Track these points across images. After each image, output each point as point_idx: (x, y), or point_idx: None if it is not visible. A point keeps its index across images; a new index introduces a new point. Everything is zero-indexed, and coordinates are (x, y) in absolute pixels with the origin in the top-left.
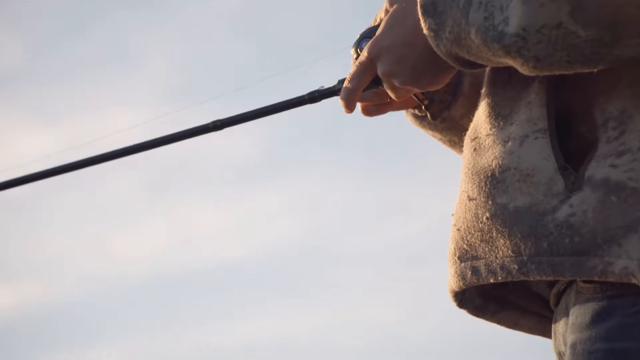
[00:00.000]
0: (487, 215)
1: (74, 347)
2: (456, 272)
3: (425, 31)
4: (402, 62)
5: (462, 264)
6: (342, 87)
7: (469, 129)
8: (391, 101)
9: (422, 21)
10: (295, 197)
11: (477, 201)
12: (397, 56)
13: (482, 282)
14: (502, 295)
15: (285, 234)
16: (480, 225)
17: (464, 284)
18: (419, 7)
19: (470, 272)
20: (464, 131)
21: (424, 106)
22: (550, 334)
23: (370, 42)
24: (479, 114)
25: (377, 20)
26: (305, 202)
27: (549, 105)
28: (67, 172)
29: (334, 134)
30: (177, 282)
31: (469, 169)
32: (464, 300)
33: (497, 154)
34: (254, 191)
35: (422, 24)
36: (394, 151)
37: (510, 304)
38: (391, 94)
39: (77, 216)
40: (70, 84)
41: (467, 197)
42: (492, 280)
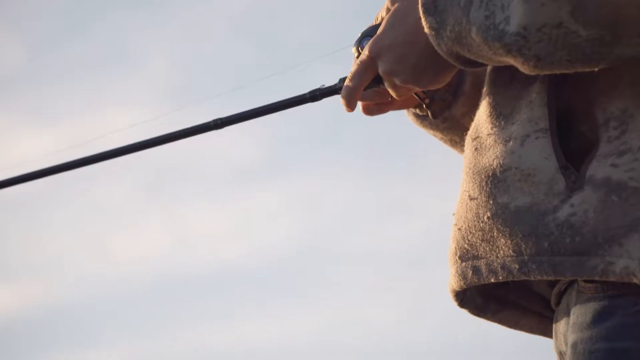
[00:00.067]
0: (488, 214)
1: (73, 347)
2: (457, 272)
3: (426, 30)
4: (403, 61)
5: (463, 264)
6: (343, 86)
7: (470, 128)
8: (392, 100)
9: (423, 20)
10: (294, 196)
11: (478, 201)
12: (398, 55)
13: (483, 282)
14: (503, 294)
15: (284, 233)
16: (481, 224)
17: (464, 283)
18: (420, 6)
19: (471, 272)
20: (465, 131)
21: (425, 105)
22: (551, 334)
23: (371, 41)
24: (480, 114)
25: (378, 18)
26: (304, 202)
27: (550, 104)
28: (66, 170)
29: (334, 133)
30: (177, 282)
31: (470, 169)
32: (464, 299)
33: (498, 153)
34: (253, 191)
35: (423, 23)
36: (395, 151)
37: (511, 303)
38: (392, 93)
39: (77, 217)
40: (70, 84)
41: (468, 196)
42: (493, 279)
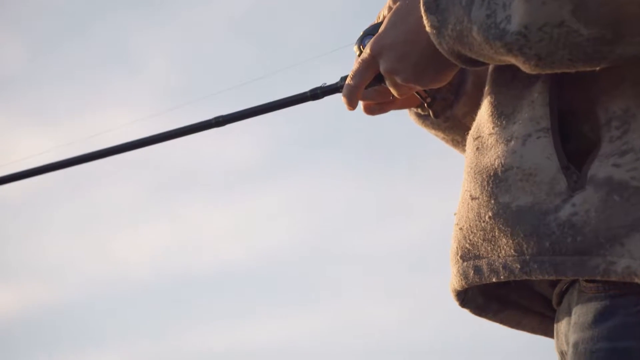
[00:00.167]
0: (490, 214)
1: (74, 348)
2: (458, 271)
3: (427, 28)
4: (404, 60)
5: (465, 263)
6: (345, 84)
7: (472, 128)
8: (393, 99)
9: (424, 18)
10: (295, 197)
11: (480, 200)
12: (400, 53)
13: (484, 282)
14: (504, 294)
15: (285, 234)
16: (482, 224)
17: (466, 283)
18: (421, 5)
19: (472, 272)
20: (467, 130)
21: (426, 104)
22: (552, 334)
23: (372, 39)
24: (482, 113)
25: (380, 17)
26: (305, 202)
27: (552, 104)
28: (65, 167)
29: (334, 133)
30: (178, 282)
31: (471, 168)
32: (466, 299)
33: (499, 153)
34: (254, 192)
35: (425, 22)
36: (395, 151)
37: (512, 303)
38: (393, 92)
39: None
40: (70, 84)
41: (470, 196)
42: (494, 279)
